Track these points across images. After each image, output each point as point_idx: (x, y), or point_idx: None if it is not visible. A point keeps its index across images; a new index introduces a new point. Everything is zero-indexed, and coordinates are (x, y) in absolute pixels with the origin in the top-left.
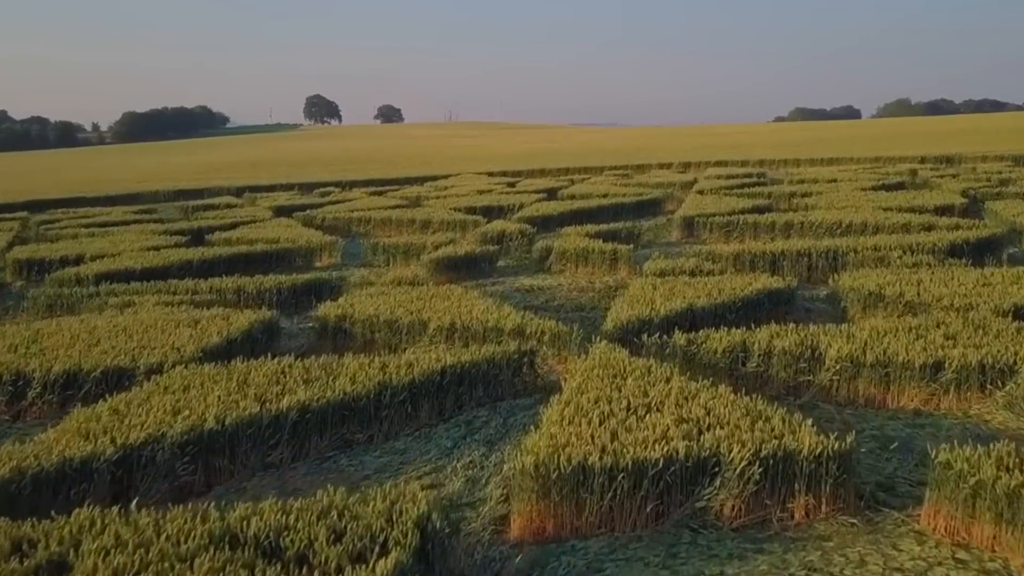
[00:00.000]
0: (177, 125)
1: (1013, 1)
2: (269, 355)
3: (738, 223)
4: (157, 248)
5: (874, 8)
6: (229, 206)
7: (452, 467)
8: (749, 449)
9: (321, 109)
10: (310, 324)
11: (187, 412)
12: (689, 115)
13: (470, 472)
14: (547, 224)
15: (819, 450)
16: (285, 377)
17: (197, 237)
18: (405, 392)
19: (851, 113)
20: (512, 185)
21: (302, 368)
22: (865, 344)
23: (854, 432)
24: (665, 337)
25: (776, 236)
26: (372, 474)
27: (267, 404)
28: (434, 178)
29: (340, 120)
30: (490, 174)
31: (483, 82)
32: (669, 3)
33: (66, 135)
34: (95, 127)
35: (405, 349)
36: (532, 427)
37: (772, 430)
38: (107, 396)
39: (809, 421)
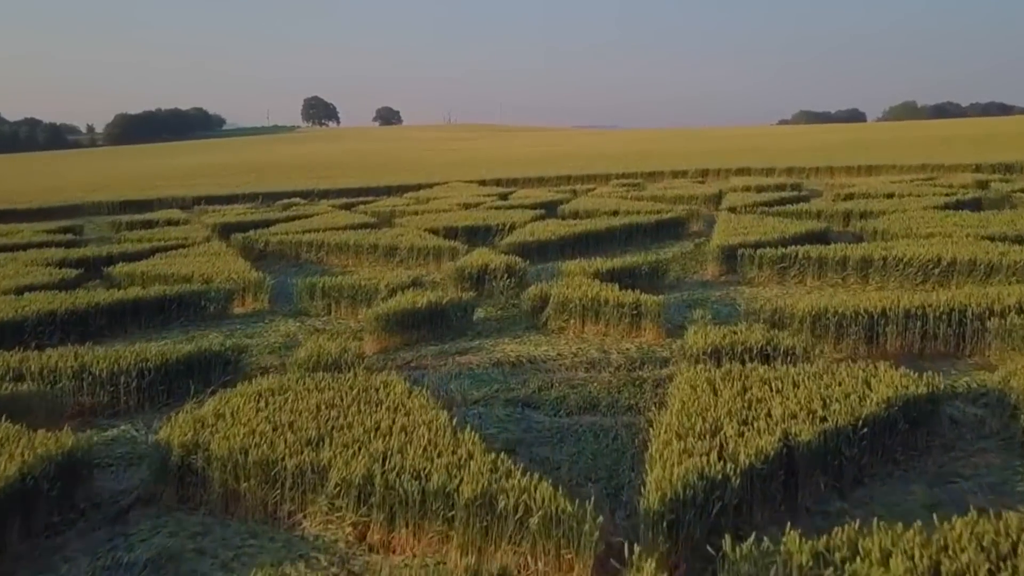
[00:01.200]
0: (171, 127)
1: (1016, 1)
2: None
3: (796, 257)
4: (28, 288)
5: (872, 9)
6: (170, 222)
7: None
8: None
9: (319, 111)
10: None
11: None
12: (690, 117)
13: None
14: (544, 252)
15: None
16: None
17: (94, 269)
18: None
19: (856, 116)
20: (505, 197)
21: None
22: None
23: None
24: (766, 542)
25: (849, 276)
26: None
27: None
28: (417, 187)
29: (338, 122)
30: (482, 182)
31: (482, 83)
32: (668, 3)
33: (56, 137)
34: (90, 128)
35: (290, 514)
36: None
37: None
38: None
39: None
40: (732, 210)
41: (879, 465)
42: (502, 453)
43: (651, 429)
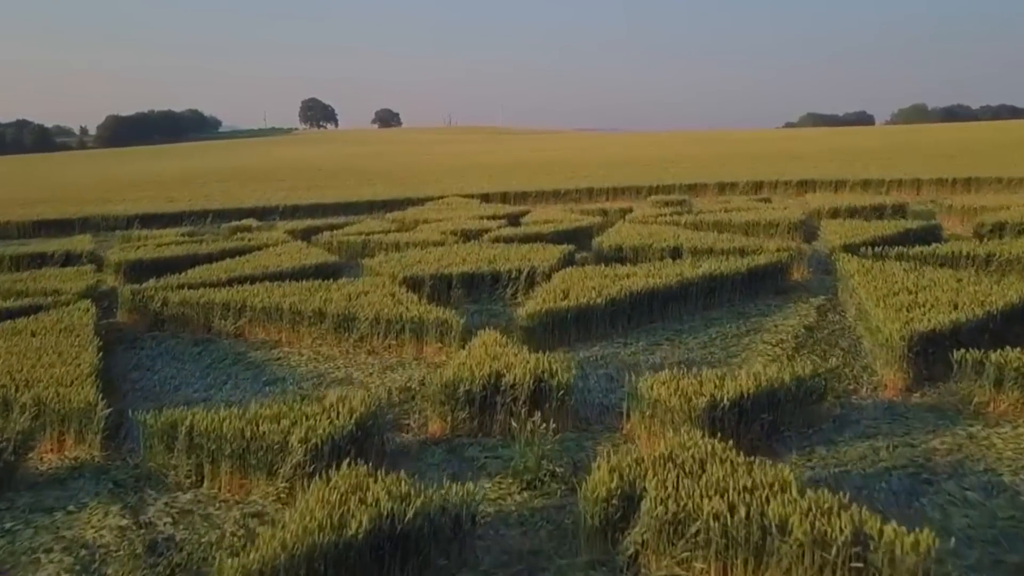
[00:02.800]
0: (164, 129)
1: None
2: None
3: None
4: None
5: (878, 10)
6: (69, 257)
7: None
8: None
9: (317, 113)
10: None
11: None
12: (692, 119)
13: None
14: (586, 325)
15: None
16: None
17: None
18: None
19: (864, 119)
20: (515, 221)
21: None
22: None
23: None
24: None
25: None
26: None
27: None
28: (406, 203)
29: (336, 124)
30: (485, 197)
31: (483, 85)
32: (669, 2)
33: (43, 139)
34: (83, 130)
35: None
36: None
37: None
38: None
39: None
40: (851, 250)
41: None
42: None
43: None
